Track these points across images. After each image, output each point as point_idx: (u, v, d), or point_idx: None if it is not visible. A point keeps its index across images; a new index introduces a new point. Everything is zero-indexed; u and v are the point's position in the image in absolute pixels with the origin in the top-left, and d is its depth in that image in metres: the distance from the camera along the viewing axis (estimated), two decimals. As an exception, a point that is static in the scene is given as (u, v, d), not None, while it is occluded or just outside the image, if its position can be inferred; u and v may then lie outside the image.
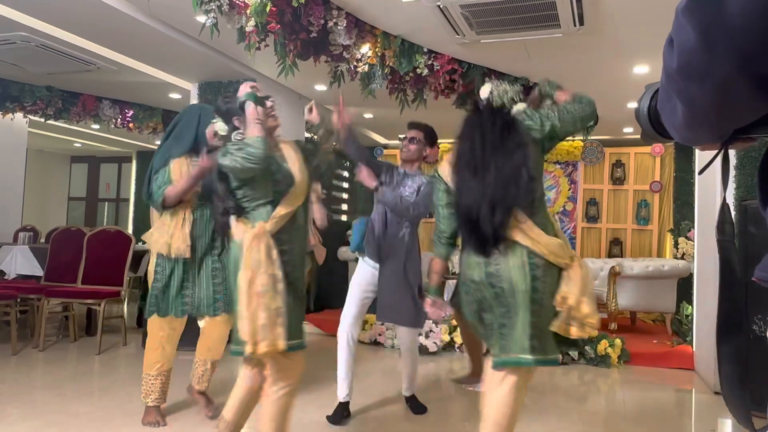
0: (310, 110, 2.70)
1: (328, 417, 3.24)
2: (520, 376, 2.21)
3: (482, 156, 2.18)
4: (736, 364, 0.78)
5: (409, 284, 3.24)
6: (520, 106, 2.29)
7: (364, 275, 3.35)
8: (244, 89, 2.40)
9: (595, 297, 2.25)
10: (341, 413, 3.27)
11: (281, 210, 2.27)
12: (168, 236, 3.04)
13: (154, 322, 3.09)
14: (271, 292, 2.17)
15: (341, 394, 3.29)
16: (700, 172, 0.91)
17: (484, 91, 2.32)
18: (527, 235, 2.13)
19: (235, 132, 2.35)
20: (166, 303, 3.08)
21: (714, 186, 4.09)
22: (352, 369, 3.30)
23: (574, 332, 2.18)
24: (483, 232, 2.13)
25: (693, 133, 0.73)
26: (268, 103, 2.41)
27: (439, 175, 2.39)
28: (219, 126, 2.41)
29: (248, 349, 2.16)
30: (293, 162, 2.38)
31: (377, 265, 3.29)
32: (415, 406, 3.50)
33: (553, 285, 2.17)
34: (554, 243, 2.15)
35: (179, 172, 3.05)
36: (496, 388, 2.22)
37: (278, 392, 2.30)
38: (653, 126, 0.85)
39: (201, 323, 3.22)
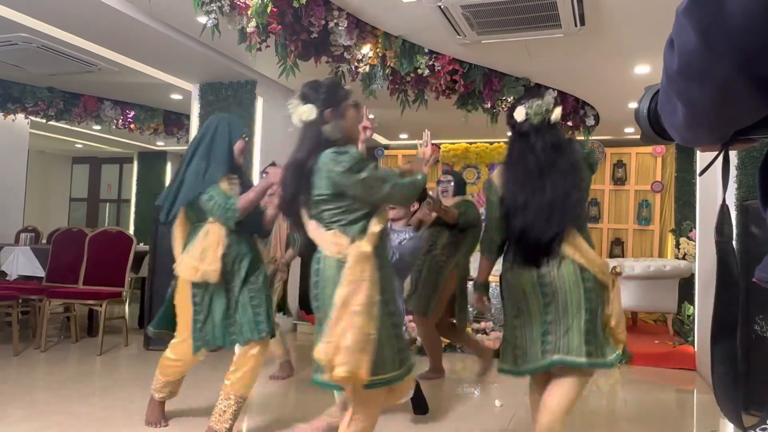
0: (426, 144, 2.30)
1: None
2: (580, 377, 2.35)
3: (537, 176, 2.25)
4: (730, 365, 0.78)
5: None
6: (557, 112, 2.31)
7: None
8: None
9: (623, 315, 2.39)
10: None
11: (375, 226, 2.03)
12: (197, 259, 2.74)
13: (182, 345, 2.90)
14: (366, 315, 1.94)
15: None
16: (701, 174, 0.90)
17: (519, 115, 2.31)
18: (579, 250, 2.23)
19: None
20: (212, 335, 2.82)
21: (715, 186, 4.09)
22: None
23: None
24: (537, 247, 2.23)
25: (693, 134, 0.73)
26: (369, 115, 2.28)
27: (493, 184, 2.42)
28: (305, 109, 2.25)
29: (326, 375, 1.95)
30: None
31: None
32: (419, 404, 3.49)
33: (602, 297, 2.28)
34: (601, 261, 2.27)
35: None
36: (560, 385, 2.34)
37: (351, 420, 2.11)
38: (653, 128, 0.85)
39: (236, 349, 2.88)
